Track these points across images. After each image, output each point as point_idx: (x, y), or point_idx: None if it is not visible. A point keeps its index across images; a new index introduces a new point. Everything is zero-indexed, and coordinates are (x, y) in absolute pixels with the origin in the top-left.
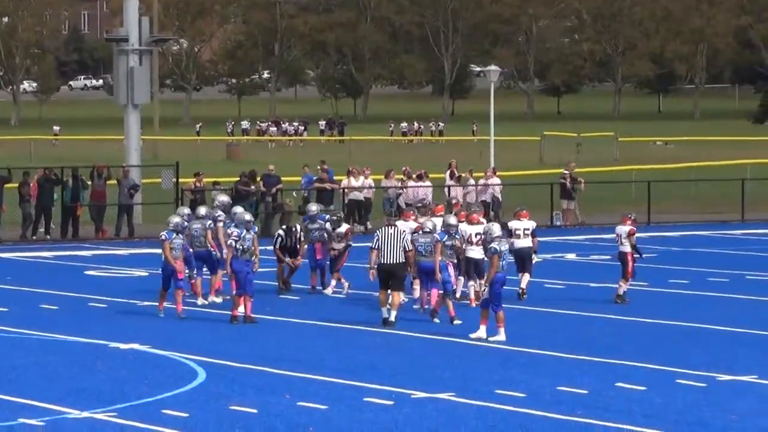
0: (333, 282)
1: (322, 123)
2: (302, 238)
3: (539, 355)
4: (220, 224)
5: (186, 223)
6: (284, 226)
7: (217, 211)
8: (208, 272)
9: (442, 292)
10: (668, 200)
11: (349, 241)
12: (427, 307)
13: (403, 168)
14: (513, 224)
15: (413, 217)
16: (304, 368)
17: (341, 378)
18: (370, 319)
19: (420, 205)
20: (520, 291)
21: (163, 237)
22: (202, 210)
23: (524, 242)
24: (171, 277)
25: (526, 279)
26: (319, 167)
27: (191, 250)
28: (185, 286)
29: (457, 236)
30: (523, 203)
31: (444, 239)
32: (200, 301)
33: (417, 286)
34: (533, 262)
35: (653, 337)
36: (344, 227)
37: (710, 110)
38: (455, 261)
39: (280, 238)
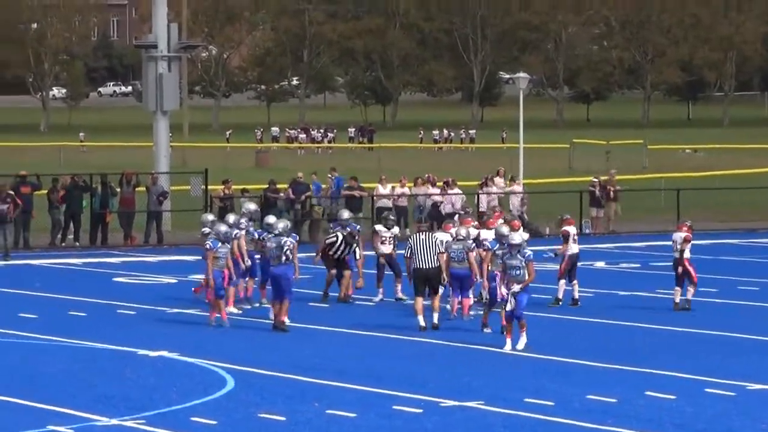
0: (399, 285)
1: (352, 130)
2: (357, 253)
3: (568, 363)
4: (242, 232)
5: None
6: (345, 232)
7: (242, 218)
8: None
9: (473, 301)
10: (697, 208)
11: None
12: (455, 315)
13: (427, 176)
14: (570, 230)
15: (473, 224)
16: (333, 376)
17: (370, 386)
18: (400, 327)
19: (463, 212)
20: (575, 299)
21: (208, 246)
22: (231, 218)
23: (576, 248)
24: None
25: (576, 287)
26: (329, 175)
27: None
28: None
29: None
30: (553, 211)
31: (495, 248)
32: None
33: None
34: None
35: (682, 346)
36: (396, 229)
37: (739, 118)
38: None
39: (335, 239)
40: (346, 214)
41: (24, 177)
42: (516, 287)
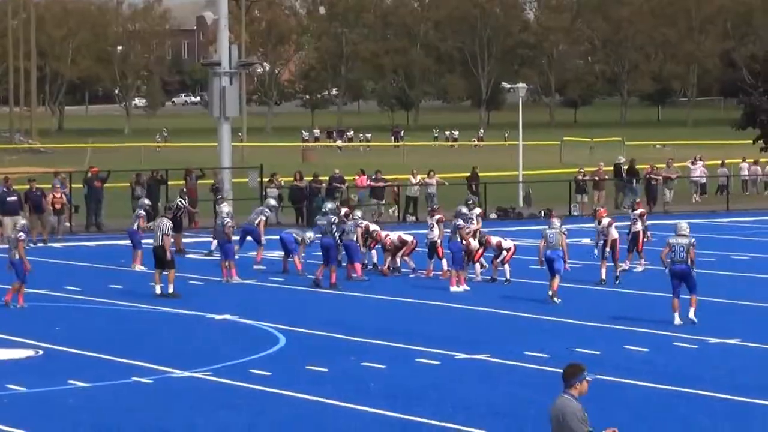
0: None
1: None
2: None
3: (560, 322)
4: (263, 217)
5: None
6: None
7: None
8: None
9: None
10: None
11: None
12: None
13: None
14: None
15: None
16: (366, 334)
17: (397, 342)
18: (421, 295)
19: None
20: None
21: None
22: (329, 205)
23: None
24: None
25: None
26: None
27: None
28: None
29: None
30: (547, 196)
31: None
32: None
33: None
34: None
35: (653, 307)
36: (477, 210)
37: (701, 119)
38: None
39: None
40: (329, 204)
41: (96, 173)
42: None
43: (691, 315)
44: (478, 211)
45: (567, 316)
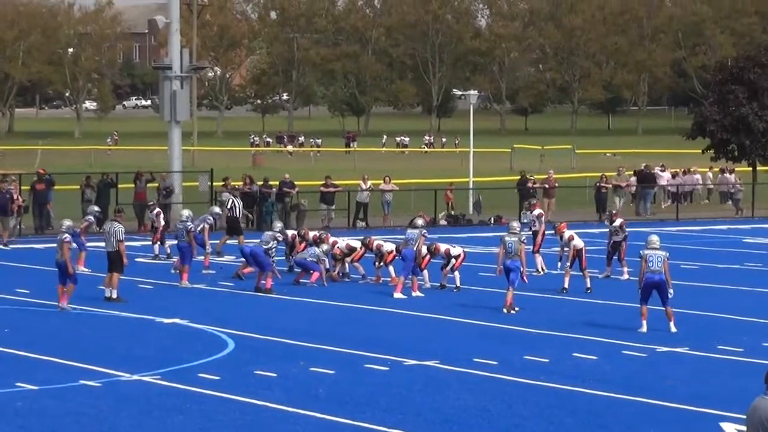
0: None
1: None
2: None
3: (509, 329)
4: (206, 225)
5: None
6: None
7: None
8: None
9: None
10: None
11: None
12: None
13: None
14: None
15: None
16: (315, 340)
17: (346, 348)
18: (370, 301)
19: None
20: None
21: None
22: (278, 224)
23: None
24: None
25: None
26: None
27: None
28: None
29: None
30: (496, 203)
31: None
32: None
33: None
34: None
35: (604, 315)
36: (537, 211)
37: (651, 128)
38: None
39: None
40: (278, 224)
41: (41, 175)
42: None
43: (672, 328)
44: (537, 212)
45: (518, 324)
